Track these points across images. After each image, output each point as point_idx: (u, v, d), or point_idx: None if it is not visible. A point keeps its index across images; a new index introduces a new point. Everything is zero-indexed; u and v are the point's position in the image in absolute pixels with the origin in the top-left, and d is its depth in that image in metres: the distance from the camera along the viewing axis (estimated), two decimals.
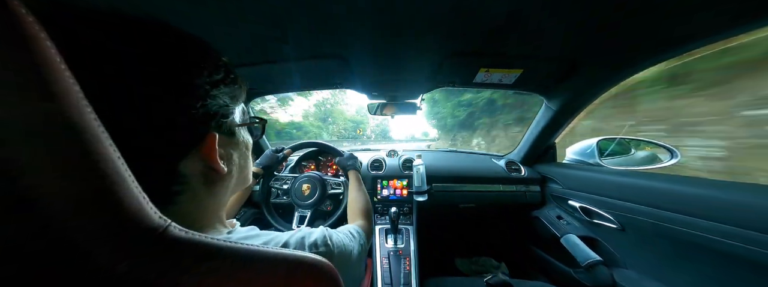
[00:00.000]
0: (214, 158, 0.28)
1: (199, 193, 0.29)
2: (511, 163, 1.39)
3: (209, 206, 0.32)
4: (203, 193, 0.29)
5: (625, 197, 0.89)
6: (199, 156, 0.27)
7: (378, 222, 1.21)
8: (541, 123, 1.21)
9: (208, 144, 0.28)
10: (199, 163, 0.28)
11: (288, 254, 0.25)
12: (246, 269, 0.21)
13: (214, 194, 0.31)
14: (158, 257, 0.18)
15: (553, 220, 1.21)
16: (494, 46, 0.75)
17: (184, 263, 0.19)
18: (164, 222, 0.19)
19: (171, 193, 0.26)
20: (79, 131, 0.16)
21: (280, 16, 0.58)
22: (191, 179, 0.27)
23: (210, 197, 0.31)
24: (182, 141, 0.26)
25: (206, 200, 0.30)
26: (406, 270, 1.01)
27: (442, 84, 1.04)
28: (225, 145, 0.31)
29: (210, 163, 0.28)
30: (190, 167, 0.27)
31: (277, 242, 0.35)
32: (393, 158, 1.42)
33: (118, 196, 0.17)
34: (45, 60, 0.15)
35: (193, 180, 0.28)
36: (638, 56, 0.76)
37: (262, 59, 0.82)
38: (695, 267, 0.74)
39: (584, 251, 0.99)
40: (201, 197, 0.29)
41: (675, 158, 1.03)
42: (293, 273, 0.24)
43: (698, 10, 0.55)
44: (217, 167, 0.29)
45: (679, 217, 0.72)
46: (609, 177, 0.99)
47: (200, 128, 0.27)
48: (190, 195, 0.28)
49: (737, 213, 0.62)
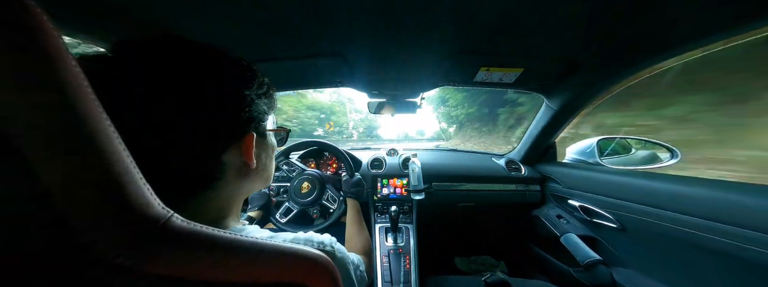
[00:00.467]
0: (250, 153, 0.34)
1: (230, 183, 0.34)
2: (511, 162, 1.39)
3: (233, 197, 0.37)
4: (233, 184, 0.34)
5: (626, 196, 0.89)
6: (238, 151, 0.33)
7: (378, 221, 1.21)
8: (541, 122, 1.21)
9: (247, 142, 0.34)
10: (236, 157, 0.33)
11: (288, 247, 0.25)
12: (245, 259, 0.21)
13: (241, 186, 0.37)
14: (161, 248, 0.18)
15: (553, 219, 1.21)
16: (495, 46, 0.75)
17: (185, 253, 0.19)
18: (167, 213, 0.19)
19: (214, 178, 0.32)
20: (85, 124, 0.16)
21: (281, 15, 0.58)
22: (229, 168, 0.33)
23: (237, 188, 0.36)
24: (229, 137, 0.32)
25: (234, 190, 0.36)
26: (406, 269, 1.01)
27: (442, 83, 1.04)
28: (258, 145, 0.37)
29: (245, 157, 0.34)
30: (229, 159, 0.32)
31: (284, 239, 0.36)
32: (393, 156, 1.42)
33: (124, 190, 0.17)
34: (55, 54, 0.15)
35: (230, 170, 0.33)
36: (638, 56, 0.76)
37: (262, 58, 0.82)
38: (695, 266, 0.74)
39: (584, 250, 0.99)
40: (231, 187, 0.34)
41: (675, 158, 1.03)
42: (292, 264, 0.24)
43: (699, 11, 0.55)
44: (250, 161, 0.34)
45: (680, 217, 0.72)
46: (609, 177, 0.99)
47: (244, 129, 0.33)
48: (224, 183, 0.33)
49: (737, 213, 0.62)
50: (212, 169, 0.31)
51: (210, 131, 0.29)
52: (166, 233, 0.19)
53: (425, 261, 1.13)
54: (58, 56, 0.15)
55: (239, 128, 0.33)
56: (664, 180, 0.81)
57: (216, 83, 0.29)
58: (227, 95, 0.30)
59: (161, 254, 0.18)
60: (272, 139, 0.42)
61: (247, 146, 0.34)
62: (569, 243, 1.05)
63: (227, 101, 0.31)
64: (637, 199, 0.85)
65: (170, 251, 0.18)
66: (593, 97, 1.01)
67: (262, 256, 0.22)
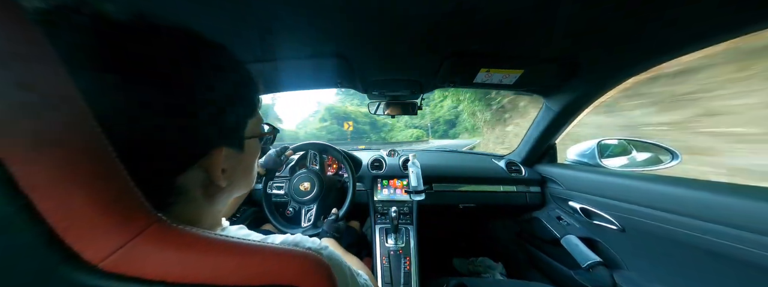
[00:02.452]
0: (216, 173, 0.27)
1: (198, 201, 0.28)
2: (511, 163, 1.39)
3: (207, 213, 0.31)
4: (202, 201, 0.29)
5: (626, 198, 0.89)
6: (202, 168, 0.26)
7: (378, 222, 1.21)
8: (541, 124, 1.21)
9: (214, 159, 0.27)
10: (200, 175, 0.27)
11: (282, 248, 0.25)
12: (238, 260, 0.21)
13: (213, 204, 0.31)
14: (149, 251, 0.18)
15: (553, 221, 1.20)
16: (495, 47, 0.75)
17: (176, 256, 0.19)
18: (155, 215, 0.19)
19: (166, 203, 0.25)
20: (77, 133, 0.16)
21: (281, 15, 0.59)
22: (190, 190, 0.26)
23: (208, 206, 0.30)
24: (188, 157, 0.25)
25: (204, 207, 0.30)
26: (406, 270, 1.01)
27: (442, 84, 1.04)
28: (231, 157, 0.30)
29: (211, 177, 0.27)
30: (191, 179, 0.26)
31: (271, 241, 0.32)
32: (393, 157, 1.42)
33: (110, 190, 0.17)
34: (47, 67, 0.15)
35: (193, 191, 0.27)
36: (639, 57, 0.76)
37: (263, 58, 0.82)
38: (695, 268, 0.74)
39: (584, 252, 0.99)
40: (199, 205, 0.28)
41: (676, 160, 1.03)
42: (285, 265, 0.23)
43: (698, 11, 0.55)
44: (218, 181, 0.28)
45: (680, 219, 0.72)
46: (610, 179, 0.99)
47: (207, 145, 0.26)
48: (186, 204, 0.27)
49: (738, 215, 0.62)
50: (163, 192, 0.24)
51: (158, 148, 0.22)
52: (156, 235, 0.18)
53: (426, 262, 1.13)
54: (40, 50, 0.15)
55: (199, 146, 0.25)
56: (664, 182, 0.81)
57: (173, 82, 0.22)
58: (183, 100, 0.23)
59: (151, 256, 0.18)
60: (255, 145, 0.35)
61: (212, 164, 0.27)
62: (570, 245, 1.05)
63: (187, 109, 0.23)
64: (638, 201, 0.85)
65: (160, 253, 0.18)
66: (593, 97, 1.01)
67: (255, 257, 0.22)
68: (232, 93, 0.27)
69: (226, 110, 0.26)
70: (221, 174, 0.28)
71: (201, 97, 0.24)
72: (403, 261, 1.04)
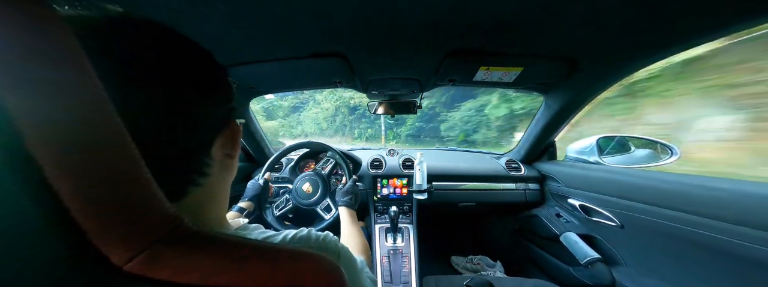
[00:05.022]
0: (236, 140, 0.33)
1: (216, 177, 0.32)
2: (510, 161, 1.39)
3: (219, 193, 0.34)
4: (218, 178, 0.32)
5: (625, 195, 0.89)
6: (221, 142, 0.31)
7: (378, 221, 1.21)
8: (540, 121, 1.21)
9: (233, 130, 0.32)
10: (219, 148, 0.31)
11: (296, 249, 0.25)
12: (257, 263, 0.21)
13: (225, 181, 0.35)
14: (173, 253, 0.18)
15: (552, 218, 1.21)
16: (494, 45, 0.75)
17: (198, 258, 0.19)
18: (178, 216, 0.19)
19: (203, 174, 0.29)
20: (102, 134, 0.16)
21: (280, 15, 0.58)
22: (215, 162, 0.31)
23: (221, 183, 0.34)
24: (220, 127, 0.30)
25: (219, 185, 0.33)
26: (405, 269, 1.01)
27: (442, 82, 1.04)
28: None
29: (231, 148, 0.32)
30: (215, 152, 0.30)
31: (284, 237, 0.34)
32: (393, 157, 1.42)
33: (135, 191, 0.17)
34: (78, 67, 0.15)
35: (216, 164, 0.31)
36: (638, 54, 0.76)
37: (261, 58, 0.82)
38: (694, 264, 0.75)
39: (583, 249, 1.00)
40: (216, 182, 0.32)
41: (674, 156, 1.04)
42: (302, 268, 0.24)
43: (697, 7, 0.55)
44: (235, 150, 0.33)
45: (678, 215, 0.73)
46: (608, 175, 0.99)
47: (229, 116, 0.32)
48: (211, 179, 0.30)
49: (736, 211, 0.62)
50: (203, 163, 0.29)
51: (204, 122, 0.27)
52: (178, 237, 0.18)
53: (425, 261, 1.13)
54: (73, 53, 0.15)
55: (227, 117, 0.31)
56: (663, 178, 0.81)
57: (203, 68, 0.28)
58: (215, 79, 0.29)
59: (173, 259, 0.18)
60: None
61: (233, 135, 0.32)
62: (569, 242, 1.05)
63: (216, 87, 0.29)
64: (636, 197, 0.85)
65: (182, 256, 0.18)
66: (592, 95, 1.02)
67: (273, 260, 0.22)
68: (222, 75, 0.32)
69: (231, 89, 0.32)
70: (238, 145, 0.33)
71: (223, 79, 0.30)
72: (402, 260, 1.04)
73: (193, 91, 0.26)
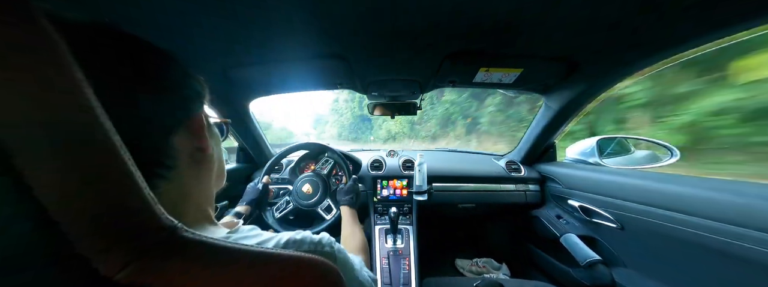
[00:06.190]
0: (203, 134, 0.31)
1: (184, 173, 0.30)
2: (510, 163, 1.39)
3: (194, 192, 0.32)
4: (188, 174, 0.31)
5: (625, 196, 0.89)
6: (187, 134, 0.30)
7: (378, 222, 1.21)
8: (541, 122, 1.21)
9: (197, 121, 0.31)
10: (187, 140, 0.30)
11: (291, 254, 0.25)
12: (253, 270, 0.21)
13: (200, 180, 0.33)
14: (167, 261, 0.18)
15: (552, 220, 1.21)
16: (494, 46, 0.75)
17: (193, 266, 0.19)
18: (174, 223, 0.19)
19: (164, 165, 0.28)
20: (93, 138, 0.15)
21: (280, 17, 0.58)
22: (181, 154, 0.29)
23: (193, 179, 0.32)
24: (178, 114, 0.29)
25: (190, 182, 0.31)
26: (405, 270, 1.01)
27: (441, 84, 1.04)
28: (208, 128, 0.34)
29: (198, 141, 0.31)
30: (180, 143, 0.29)
31: (278, 241, 0.34)
32: (393, 158, 1.42)
33: (127, 197, 0.16)
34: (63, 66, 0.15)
35: (182, 156, 0.29)
36: (638, 55, 0.76)
37: (262, 60, 0.82)
38: (694, 265, 0.74)
39: (584, 250, 0.99)
40: (186, 178, 0.30)
41: (674, 157, 1.04)
42: (298, 273, 0.23)
43: (698, 9, 0.55)
44: (204, 143, 0.32)
45: (679, 216, 0.73)
46: (609, 177, 0.99)
47: (191, 106, 0.30)
48: (176, 177, 0.29)
49: (736, 212, 0.62)
50: (162, 154, 0.28)
51: (155, 105, 0.26)
52: (173, 245, 0.18)
53: (425, 263, 1.13)
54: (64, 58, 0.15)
55: (185, 105, 0.30)
56: (662, 180, 0.81)
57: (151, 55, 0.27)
58: (166, 65, 0.28)
59: (168, 268, 0.17)
60: (216, 129, 0.39)
61: (198, 126, 0.31)
62: (569, 243, 1.05)
63: (169, 73, 0.28)
64: (637, 199, 0.85)
65: (177, 264, 0.18)
66: (593, 95, 1.02)
67: (269, 266, 0.22)
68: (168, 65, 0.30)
69: (191, 78, 0.31)
70: (207, 137, 0.32)
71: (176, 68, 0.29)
72: (402, 261, 1.04)
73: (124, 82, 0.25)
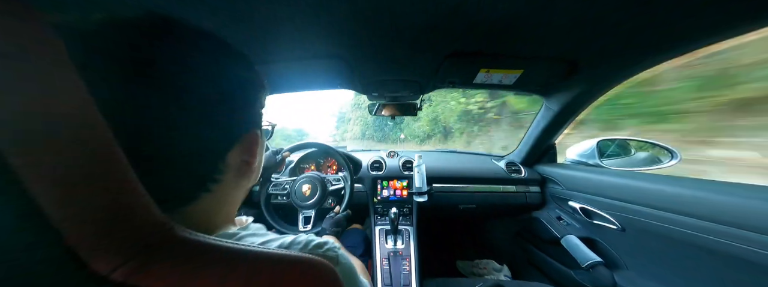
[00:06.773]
0: (256, 150, 0.33)
1: (228, 184, 0.31)
2: (511, 164, 1.39)
3: (229, 200, 0.34)
4: (231, 185, 0.32)
5: (626, 198, 0.89)
6: (240, 149, 0.31)
7: (378, 223, 1.21)
8: (541, 124, 1.21)
9: (253, 139, 0.32)
10: (237, 155, 0.31)
11: (289, 254, 0.25)
12: (250, 270, 0.21)
13: (240, 187, 0.34)
14: (160, 260, 0.18)
15: (553, 221, 1.20)
16: (494, 47, 0.75)
17: (187, 266, 0.18)
18: (168, 223, 0.19)
19: (214, 180, 0.29)
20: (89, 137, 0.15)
21: (280, 17, 0.58)
22: (229, 169, 0.30)
23: (234, 190, 0.34)
24: (238, 134, 0.30)
25: (230, 192, 0.33)
26: (405, 271, 1.01)
27: (441, 85, 1.04)
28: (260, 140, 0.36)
29: (248, 156, 0.32)
30: (230, 158, 0.30)
31: (282, 242, 0.34)
32: (393, 158, 1.42)
33: (121, 197, 0.16)
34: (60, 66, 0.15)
35: (229, 172, 0.30)
36: (638, 56, 0.76)
37: (262, 60, 0.82)
38: (695, 267, 0.74)
39: (584, 252, 0.99)
40: (228, 189, 0.32)
41: (675, 159, 1.03)
42: (297, 275, 0.23)
43: (699, 10, 0.55)
44: (253, 159, 0.33)
45: (680, 218, 0.72)
46: (609, 178, 0.99)
47: (251, 125, 0.32)
48: (222, 185, 0.30)
49: (737, 214, 0.62)
50: (216, 169, 0.29)
51: (221, 129, 0.27)
52: (167, 244, 0.18)
53: (426, 264, 1.12)
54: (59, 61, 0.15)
55: (247, 125, 0.31)
56: (664, 181, 0.81)
57: (228, 75, 0.27)
58: (241, 88, 0.29)
59: (161, 267, 0.17)
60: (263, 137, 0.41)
61: (253, 142, 0.32)
62: (570, 245, 1.05)
63: (241, 96, 0.29)
64: (637, 200, 0.85)
65: (171, 264, 0.18)
66: (593, 96, 1.02)
67: (266, 267, 0.22)
68: (262, 82, 0.33)
69: (258, 97, 0.32)
70: (257, 153, 0.33)
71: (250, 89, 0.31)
72: (402, 262, 1.03)
73: (212, 96, 0.25)
